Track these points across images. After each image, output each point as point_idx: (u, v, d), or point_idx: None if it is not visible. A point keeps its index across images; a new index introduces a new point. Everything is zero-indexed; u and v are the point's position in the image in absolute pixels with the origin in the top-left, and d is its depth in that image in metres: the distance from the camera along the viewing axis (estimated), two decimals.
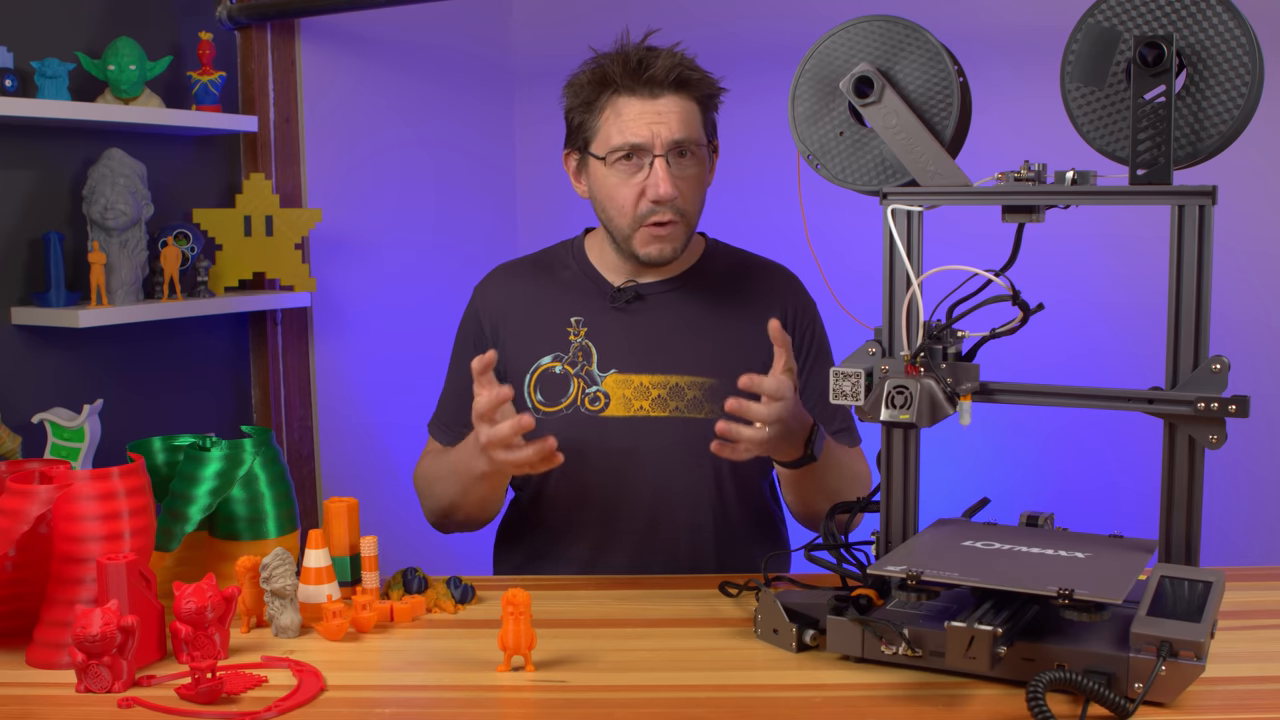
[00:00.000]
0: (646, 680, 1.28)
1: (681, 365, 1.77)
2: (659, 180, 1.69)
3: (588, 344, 1.79)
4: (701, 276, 1.85)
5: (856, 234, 2.18)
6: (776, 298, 1.85)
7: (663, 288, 1.83)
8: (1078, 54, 1.30)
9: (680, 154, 1.71)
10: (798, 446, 1.60)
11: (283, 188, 2.66)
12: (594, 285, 1.84)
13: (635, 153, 1.70)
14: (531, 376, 1.80)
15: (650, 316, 1.81)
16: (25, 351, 2.24)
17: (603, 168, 1.73)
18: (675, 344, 1.78)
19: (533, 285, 1.87)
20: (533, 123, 3.37)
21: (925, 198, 1.34)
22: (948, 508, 1.57)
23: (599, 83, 1.72)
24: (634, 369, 1.77)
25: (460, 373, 1.87)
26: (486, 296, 1.89)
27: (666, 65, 1.69)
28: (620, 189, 1.72)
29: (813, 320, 1.86)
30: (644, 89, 1.69)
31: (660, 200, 1.70)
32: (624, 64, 1.70)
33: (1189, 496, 1.26)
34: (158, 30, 2.44)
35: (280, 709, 1.20)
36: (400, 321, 3.01)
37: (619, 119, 1.70)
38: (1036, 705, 1.09)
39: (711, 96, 1.77)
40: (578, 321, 1.80)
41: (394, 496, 2.82)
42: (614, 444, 1.75)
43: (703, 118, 1.75)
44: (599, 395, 1.77)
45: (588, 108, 1.74)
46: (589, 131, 1.75)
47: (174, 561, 1.57)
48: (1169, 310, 1.25)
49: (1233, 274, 2.57)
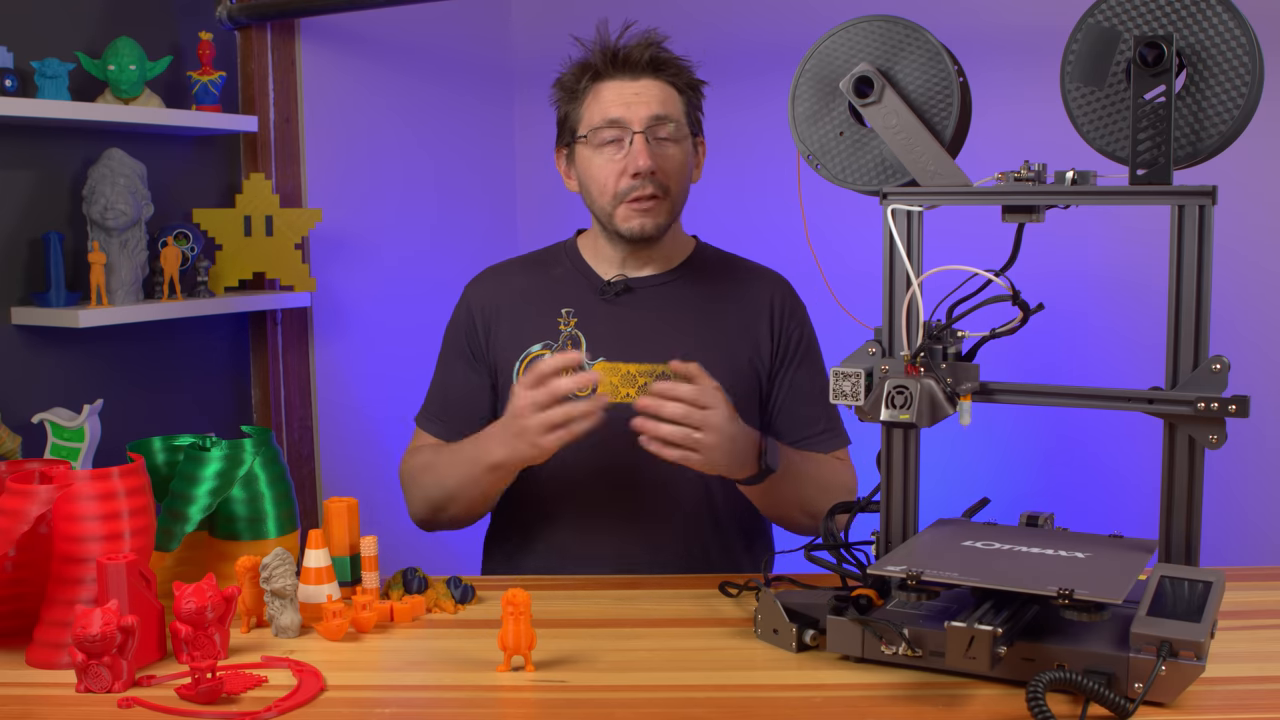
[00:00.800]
0: (646, 680, 1.28)
1: (668, 354, 1.78)
2: (638, 154, 1.74)
3: (577, 333, 1.82)
4: (691, 272, 1.88)
5: (856, 234, 2.18)
6: (764, 295, 1.87)
7: (652, 281, 1.86)
8: (1078, 54, 1.30)
9: (660, 136, 1.76)
10: (750, 464, 1.62)
11: (283, 188, 2.66)
12: (585, 279, 1.87)
13: (615, 129, 1.75)
14: (521, 364, 1.83)
15: (639, 308, 1.84)
16: (25, 351, 2.24)
17: (587, 150, 1.79)
18: (662, 334, 1.81)
19: (525, 281, 1.91)
20: (533, 123, 3.37)
21: (925, 198, 1.34)
22: (948, 508, 1.57)
23: (581, 72, 1.80)
24: (621, 357, 1.80)
25: (449, 366, 1.91)
26: (478, 292, 1.92)
27: (641, 47, 1.77)
28: (602, 168, 1.78)
29: (801, 322, 1.88)
30: (622, 72, 1.78)
31: (639, 173, 1.75)
32: (602, 51, 1.78)
33: (1189, 496, 1.26)
34: (158, 30, 2.44)
35: (280, 709, 1.20)
36: (400, 321, 3.01)
37: (599, 101, 1.78)
38: (1036, 705, 1.09)
39: (692, 87, 1.83)
40: (568, 312, 1.84)
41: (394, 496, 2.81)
42: (600, 429, 1.76)
43: (684, 106, 1.81)
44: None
45: (572, 97, 1.82)
46: (575, 120, 1.81)
47: (174, 561, 1.57)
48: (1169, 310, 1.25)
49: (1233, 274, 2.57)
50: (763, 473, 1.64)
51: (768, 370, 1.84)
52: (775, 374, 1.84)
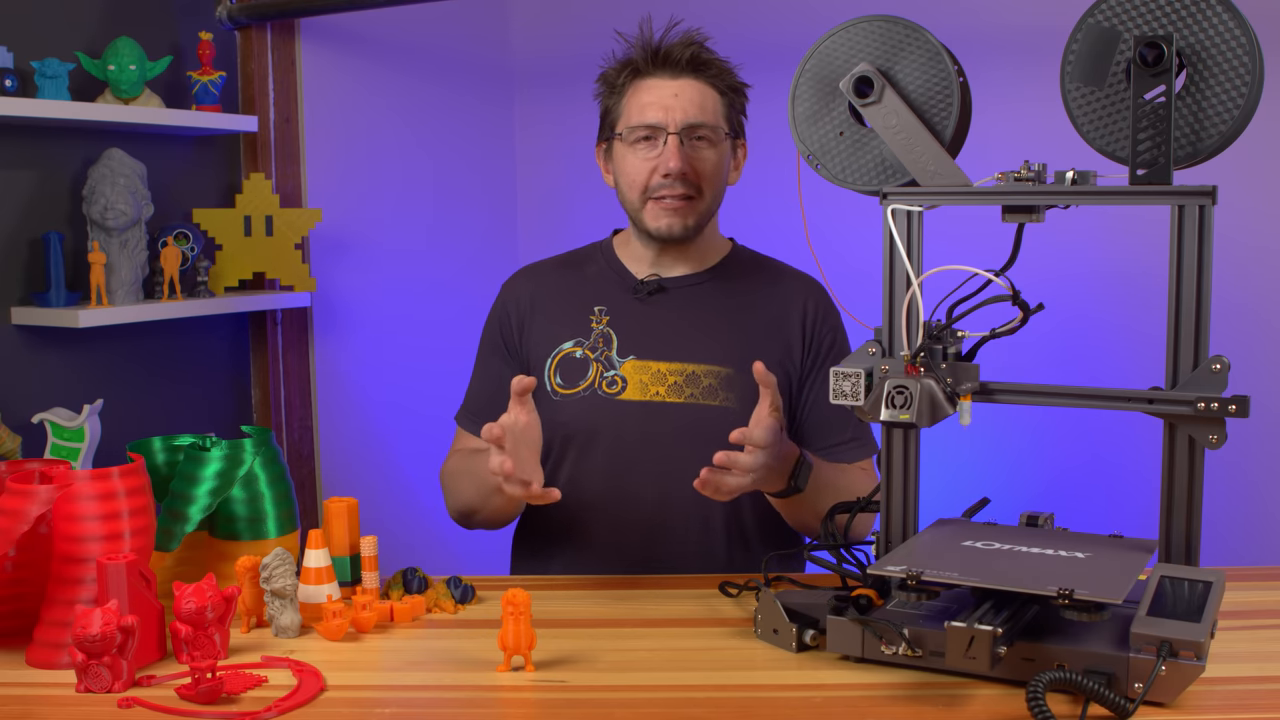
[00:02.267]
0: (646, 680, 1.28)
1: (699, 354, 1.80)
2: (670, 155, 1.75)
3: (609, 331, 1.82)
4: (725, 273, 1.88)
5: (856, 234, 2.18)
6: (797, 298, 1.86)
7: (686, 281, 1.86)
8: (1078, 54, 1.30)
9: (696, 136, 1.76)
10: (782, 479, 1.61)
11: (283, 188, 2.66)
12: (619, 278, 1.88)
13: (652, 131, 1.76)
14: (553, 361, 1.83)
15: (671, 307, 1.84)
16: (25, 351, 2.24)
17: (623, 147, 1.80)
18: (694, 334, 1.81)
19: (559, 279, 1.92)
20: (532, 123, 3.37)
21: (925, 198, 1.34)
22: (948, 508, 1.57)
23: (622, 68, 1.81)
24: (652, 356, 1.80)
25: (486, 363, 1.92)
26: (515, 289, 1.93)
27: (682, 46, 1.78)
28: (636, 165, 1.78)
29: (834, 328, 1.86)
30: (662, 70, 1.78)
31: (670, 174, 1.75)
32: (644, 47, 1.79)
33: (1189, 496, 1.26)
34: (158, 30, 2.44)
35: (280, 709, 1.20)
36: (401, 321, 3.01)
37: (638, 99, 1.79)
38: (1036, 705, 1.09)
39: (735, 89, 1.83)
40: (600, 310, 1.84)
41: (394, 496, 2.82)
42: (629, 427, 1.77)
43: (724, 108, 1.81)
44: (616, 379, 1.80)
45: (613, 91, 1.83)
46: (615, 116, 1.83)
47: (174, 561, 1.57)
48: (1169, 310, 1.25)
49: (1233, 274, 2.57)
50: (789, 490, 1.63)
51: (798, 374, 1.83)
52: (805, 378, 1.83)
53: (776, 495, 1.65)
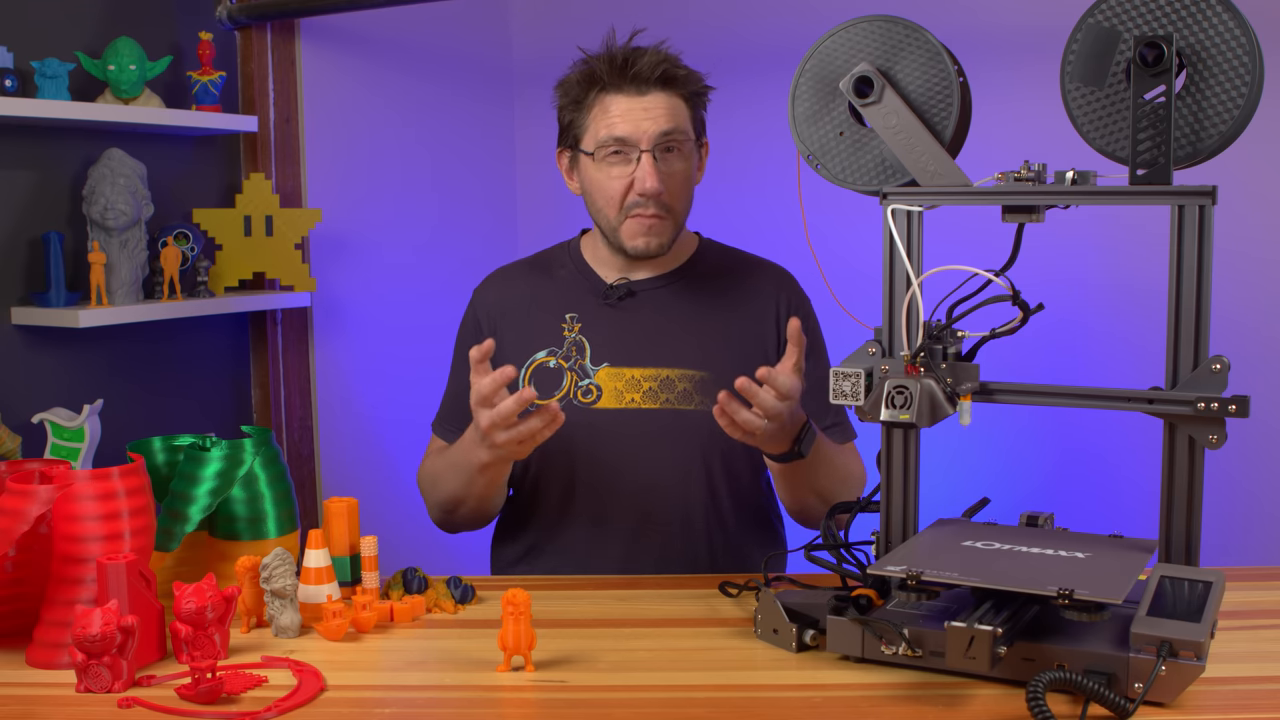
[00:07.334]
0: (646, 680, 1.28)
1: (672, 359, 1.80)
2: (645, 174, 1.73)
3: (581, 339, 1.82)
4: (694, 273, 1.87)
5: (856, 234, 2.18)
6: (770, 293, 1.86)
7: (655, 284, 1.85)
8: (1078, 54, 1.30)
9: (667, 149, 1.75)
10: (787, 441, 1.61)
11: (283, 188, 2.66)
12: (588, 283, 1.87)
13: (622, 147, 1.74)
14: (526, 371, 1.83)
15: (642, 312, 1.83)
16: (25, 351, 2.24)
17: (592, 163, 1.78)
18: (666, 338, 1.81)
19: (529, 285, 1.90)
20: (532, 123, 3.37)
21: (925, 198, 1.34)
22: (948, 508, 1.57)
23: (587, 81, 1.77)
24: (625, 362, 1.80)
25: (461, 372, 1.89)
26: (485, 297, 1.93)
27: (652, 62, 1.74)
28: (608, 183, 1.76)
29: (806, 315, 1.88)
30: (630, 86, 1.74)
31: (646, 194, 1.74)
32: (610, 62, 1.75)
33: (1189, 496, 1.26)
34: (158, 30, 2.44)
35: (280, 709, 1.20)
36: (400, 321, 3.01)
37: (606, 115, 1.75)
38: (1036, 705, 1.09)
39: (699, 94, 1.81)
40: (572, 318, 1.83)
41: (394, 496, 2.82)
42: (606, 435, 1.77)
43: (690, 114, 1.79)
44: (591, 388, 1.80)
45: (577, 106, 1.79)
46: (579, 129, 1.79)
47: (174, 561, 1.57)
48: (1169, 310, 1.25)
49: (1233, 274, 2.57)
50: (792, 454, 1.63)
51: (774, 365, 1.83)
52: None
53: (778, 459, 1.65)
